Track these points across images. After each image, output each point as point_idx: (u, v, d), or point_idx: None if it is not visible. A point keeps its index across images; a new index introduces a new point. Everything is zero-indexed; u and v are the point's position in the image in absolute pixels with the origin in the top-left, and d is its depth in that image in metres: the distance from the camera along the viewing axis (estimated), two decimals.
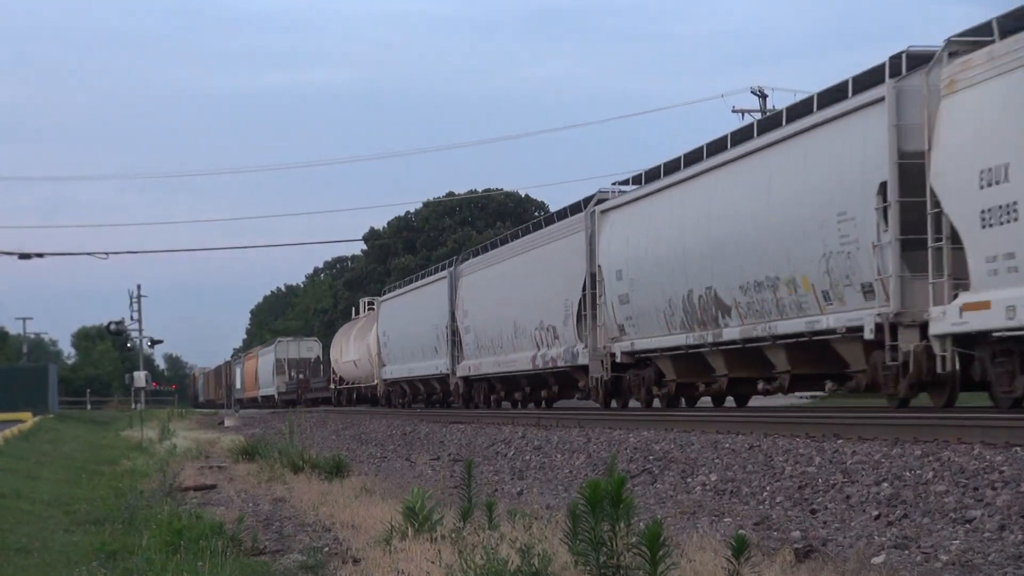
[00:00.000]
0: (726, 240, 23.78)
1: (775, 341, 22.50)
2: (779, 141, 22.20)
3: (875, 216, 19.08)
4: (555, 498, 14.71)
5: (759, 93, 52.78)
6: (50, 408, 72.78)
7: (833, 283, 20.42)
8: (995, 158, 16.16)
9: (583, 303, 30.85)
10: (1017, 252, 15.74)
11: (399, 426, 33.17)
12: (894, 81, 18.94)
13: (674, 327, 26.24)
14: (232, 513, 13.22)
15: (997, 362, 16.84)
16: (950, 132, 17.16)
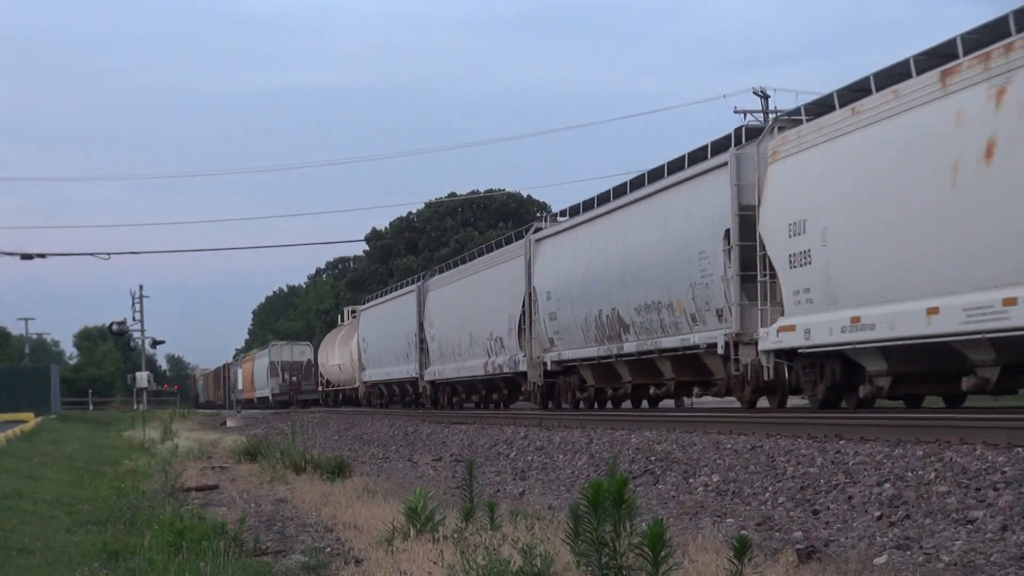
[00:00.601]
0: (624, 269, 28.30)
1: (661, 354, 26.92)
2: (657, 192, 27.11)
3: (723, 255, 23.44)
4: (557, 499, 14.71)
5: (761, 94, 52.79)
6: (52, 408, 72.83)
7: (698, 308, 24.80)
8: (798, 215, 20.74)
9: (523, 318, 35.46)
10: (811, 288, 20.36)
11: (401, 426, 33.19)
12: (735, 149, 23.43)
13: (590, 341, 30.68)
14: (234, 513, 13.23)
15: (805, 372, 21.33)
16: (772, 192, 21.69)
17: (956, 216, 17.09)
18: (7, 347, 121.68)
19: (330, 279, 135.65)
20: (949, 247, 17.25)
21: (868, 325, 19.02)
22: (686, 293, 25.11)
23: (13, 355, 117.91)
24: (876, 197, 18.87)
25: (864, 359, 19.94)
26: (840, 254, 19.82)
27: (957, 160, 17.09)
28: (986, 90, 16.68)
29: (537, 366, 34.49)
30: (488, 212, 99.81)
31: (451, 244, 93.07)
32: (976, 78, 16.90)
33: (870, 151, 19.14)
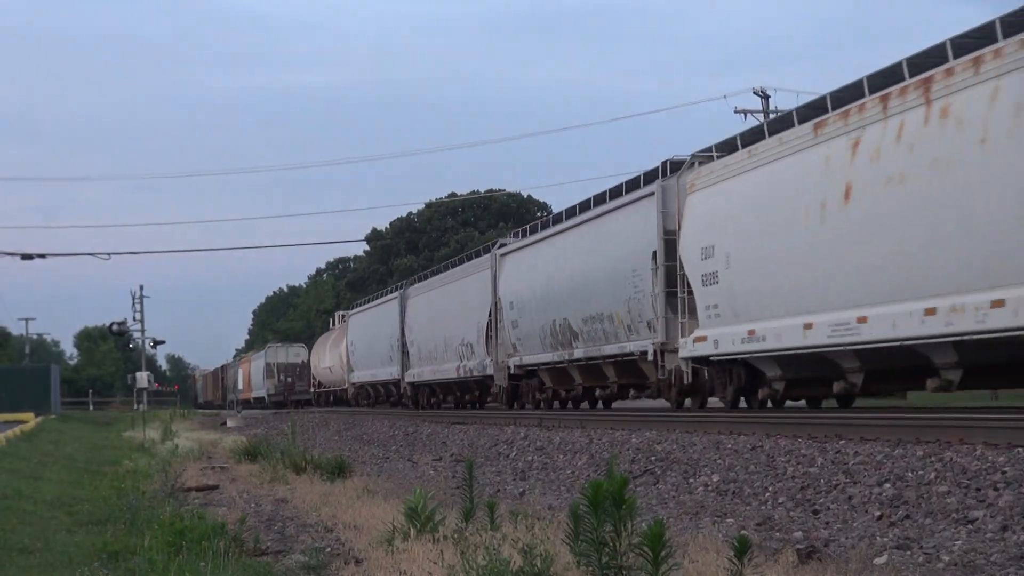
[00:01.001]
0: (574, 284, 31.57)
1: (604, 360, 30.01)
2: (599, 216, 30.59)
3: (651, 274, 26.69)
4: (557, 499, 14.71)
5: (762, 94, 52.83)
6: (52, 409, 72.82)
7: (632, 320, 27.98)
8: (708, 240, 24.04)
9: (490, 326, 38.56)
10: (719, 304, 23.61)
11: (401, 427, 33.20)
12: (661, 181, 26.62)
13: (547, 347, 33.92)
14: (234, 514, 13.23)
15: (717, 376, 24.66)
16: (689, 219, 24.99)
17: (824, 247, 20.13)
18: (7, 347, 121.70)
19: (330, 279, 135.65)
20: (819, 273, 20.33)
21: (761, 337, 22.17)
22: (623, 306, 28.36)
23: (13, 355, 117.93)
24: (765, 228, 22.07)
25: (762, 365, 23.04)
26: (740, 276, 22.99)
27: (825, 199, 20.06)
28: (846, 141, 19.62)
29: (502, 369, 37.67)
30: (488, 212, 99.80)
31: (451, 244, 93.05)
32: (839, 131, 19.92)
33: (761, 188, 22.41)
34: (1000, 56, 16.44)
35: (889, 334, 18.53)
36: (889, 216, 18.47)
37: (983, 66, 16.84)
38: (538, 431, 23.55)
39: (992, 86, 16.51)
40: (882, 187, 18.65)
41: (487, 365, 38.80)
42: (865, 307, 19.00)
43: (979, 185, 16.69)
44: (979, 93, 16.78)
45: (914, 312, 17.86)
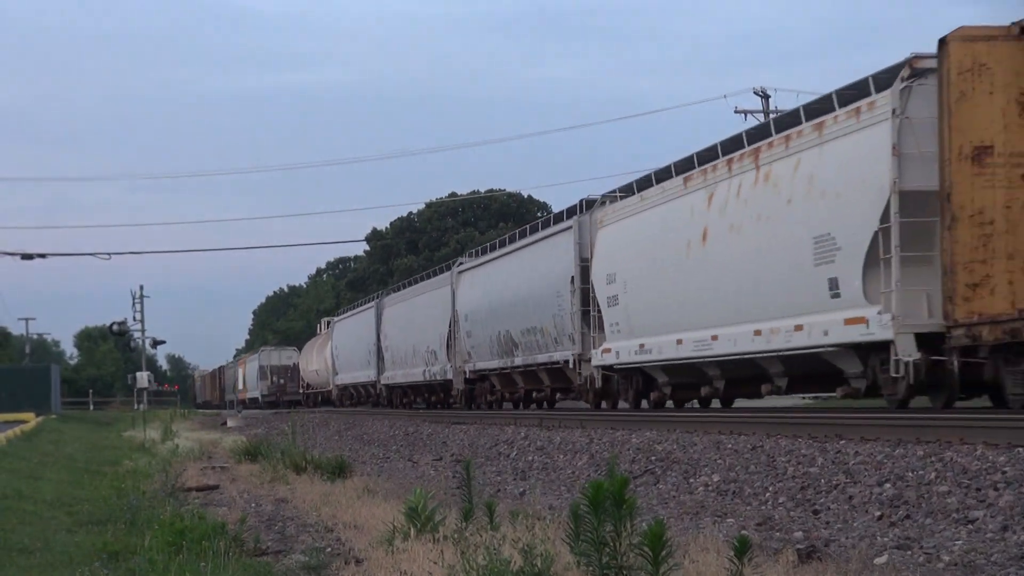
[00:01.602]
0: (514, 301, 36.42)
1: (539, 367, 34.97)
2: (534, 243, 35.71)
3: (570, 295, 31.78)
4: (557, 499, 14.71)
5: (762, 94, 52.90)
6: (53, 409, 72.80)
7: (558, 333, 33.01)
8: (611, 268, 29.14)
9: (450, 335, 43.42)
10: (619, 322, 28.60)
11: (401, 426, 33.22)
12: (578, 216, 31.93)
13: (494, 355, 38.59)
14: (234, 514, 13.23)
15: (621, 382, 29.70)
16: (598, 250, 30.32)
17: (689, 278, 25.01)
18: (8, 347, 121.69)
19: (330, 279, 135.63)
20: (686, 299, 25.17)
21: (649, 350, 27.04)
22: (551, 321, 33.44)
23: (14, 355, 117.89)
24: (650, 260, 26.97)
25: (653, 373, 28.00)
26: (633, 299, 27.93)
27: (690, 240, 24.95)
28: (704, 194, 24.57)
29: (460, 374, 42.49)
30: (489, 212, 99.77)
31: (452, 244, 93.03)
32: (699, 185, 24.93)
33: (648, 227, 27.42)
34: (801, 136, 21.20)
35: (732, 349, 23.46)
36: (730, 256, 23.35)
37: (791, 142, 21.55)
38: (538, 431, 23.56)
39: (795, 159, 21.29)
40: (727, 233, 23.52)
41: (448, 370, 43.87)
42: (716, 328, 23.95)
43: (786, 235, 21.37)
44: (788, 164, 21.50)
45: (747, 333, 22.73)
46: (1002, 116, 17.15)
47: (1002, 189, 17.10)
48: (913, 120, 18.44)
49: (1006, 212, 17.07)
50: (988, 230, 17.18)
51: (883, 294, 18.80)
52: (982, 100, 17.25)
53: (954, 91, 17.44)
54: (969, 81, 17.33)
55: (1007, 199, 17.03)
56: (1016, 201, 17.02)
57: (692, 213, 24.90)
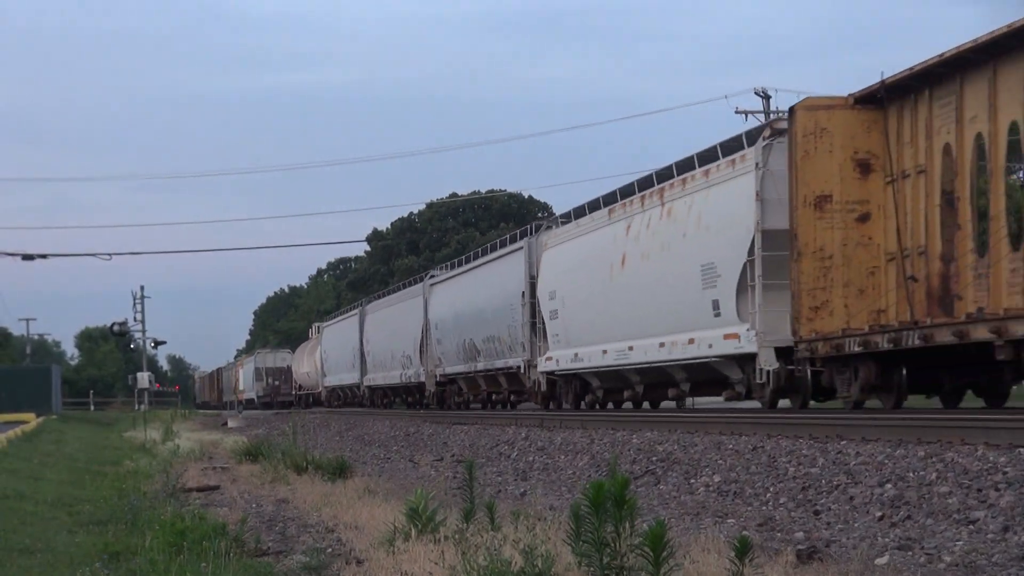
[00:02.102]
0: (477, 311, 40.44)
1: (497, 371, 38.89)
2: (493, 260, 40.23)
3: (521, 308, 36.10)
4: (558, 499, 14.71)
5: (763, 94, 52.92)
6: (53, 409, 72.78)
7: (512, 341, 37.07)
8: (553, 286, 33.60)
9: (423, 341, 47.91)
10: (559, 333, 32.96)
11: (402, 427, 33.22)
12: (528, 239, 36.42)
13: (460, 360, 42.78)
14: (235, 514, 13.22)
15: (562, 386, 34.06)
16: (543, 269, 34.78)
17: (612, 297, 29.10)
18: (8, 348, 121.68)
19: (331, 280, 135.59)
20: (609, 315, 29.26)
21: (582, 358, 31.24)
22: (506, 331, 37.50)
23: (14, 356, 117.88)
24: (583, 280, 31.25)
25: (588, 378, 32.08)
26: (570, 313, 32.36)
27: (613, 264, 29.11)
28: (624, 224, 28.81)
29: (432, 377, 46.98)
30: (490, 213, 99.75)
31: (452, 245, 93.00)
32: (620, 217, 29.29)
33: (581, 251, 31.89)
34: (694, 180, 25.45)
35: (644, 359, 27.58)
36: (642, 279, 27.42)
37: (687, 185, 25.72)
38: (539, 431, 23.56)
39: (690, 199, 25.49)
40: (640, 259, 27.65)
41: (421, 373, 48.48)
42: (632, 340, 27.90)
43: (682, 263, 25.35)
44: (684, 203, 25.73)
45: (654, 345, 26.74)
46: (839, 171, 20.92)
47: (839, 230, 20.97)
48: (773, 171, 22.37)
49: (842, 248, 20.93)
50: (827, 263, 20.96)
51: (751, 314, 22.83)
52: (823, 157, 21.01)
53: (800, 150, 21.09)
54: (812, 142, 21.07)
55: (843, 238, 20.93)
56: (850, 240, 20.92)
57: (614, 241, 29.24)
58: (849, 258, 20.97)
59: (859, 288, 21.01)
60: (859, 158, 21.03)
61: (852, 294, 20.98)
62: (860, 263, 21.00)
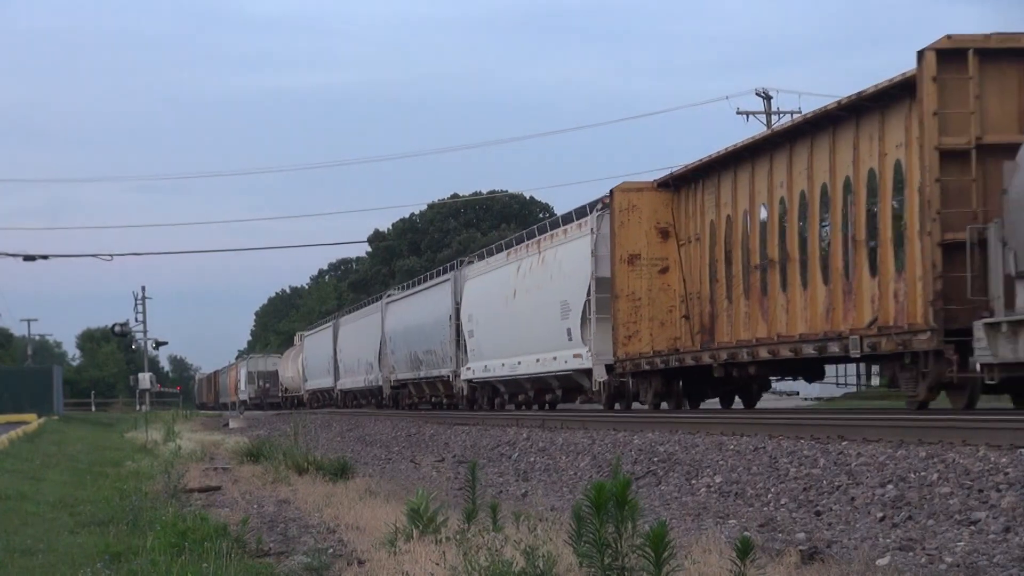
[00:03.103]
0: (420, 328, 48.62)
1: (434, 379, 47.33)
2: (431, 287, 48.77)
3: (449, 328, 43.93)
4: (560, 500, 14.71)
5: (764, 95, 52.94)
6: (55, 410, 72.74)
7: (444, 354, 45.08)
8: (470, 311, 41.55)
9: (381, 351, 56.08)
10: (475, 349, 40.49)
11: (403, 428, 33.22)
12: (454, 271, 44.90)
13: (409, 369, 50.95)
14: (236, 515, 13.23)
15: (479, 392, 41.75)
16: (464, 297, 42.67)
17: (507, 322, 37.38)
18: (10, 348, 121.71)
19: (332, 280, 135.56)
20: (506, 335, 37.42)
21: (490, 369, 39.39)
22: (439, 346, 45.44)
23: (16, 356, 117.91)
24: (489, 307, 39.64)
25: (496, 385, 40.33)
26: (481, 333, 40.55)
27: (507, 295, 37.54)
28: (516, 265, 37.43)
29: (387, 382, 55.26)
30: (491, 213, 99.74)
31: (454, 245, 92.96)
32: (513, 260, 37.97)
33: (488, 284, 40.47)
34: (558, 236, 33.93)
35: (528, 370, 35.87)
36: (525, 309, 35.89)
37: (554, 239, 34.29)
38: (540, 432, 23.55)
39: (556, 250, 33.84)
40: (524, 293, 36.24)
41: (379, 379, 56.62)
42: (521, 356, 36.16)
43: (548, 299, 33.69)
44: (552, 252, 34.10)
45: (533, 360, 35.03)
46: (645, 236, 28.93)
47: (645, 279, 28.89)
48: (603, 235, 30.12)
49: (648, 293, 28.89)
50: (637, 303, 28.91)
51: (589, 339, 31.01)
52: (634, 226, 28.95)
53: (618, 220, 29.08)
54: (627, 215, 28.98)
55: (648, 285, 28.88)
56: (654, 286, 28.85)
57: (509, 278, 37.91)
58: (653, 300, 28.85)
59: (660, 322, 28.70)
60: (660, 227, 28.93)
61: (655, 326, 28.78)
62: (661, 303, 28.80)
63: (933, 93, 18.72)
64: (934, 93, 18.73)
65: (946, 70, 18.82)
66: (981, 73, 18.85)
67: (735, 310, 25.42)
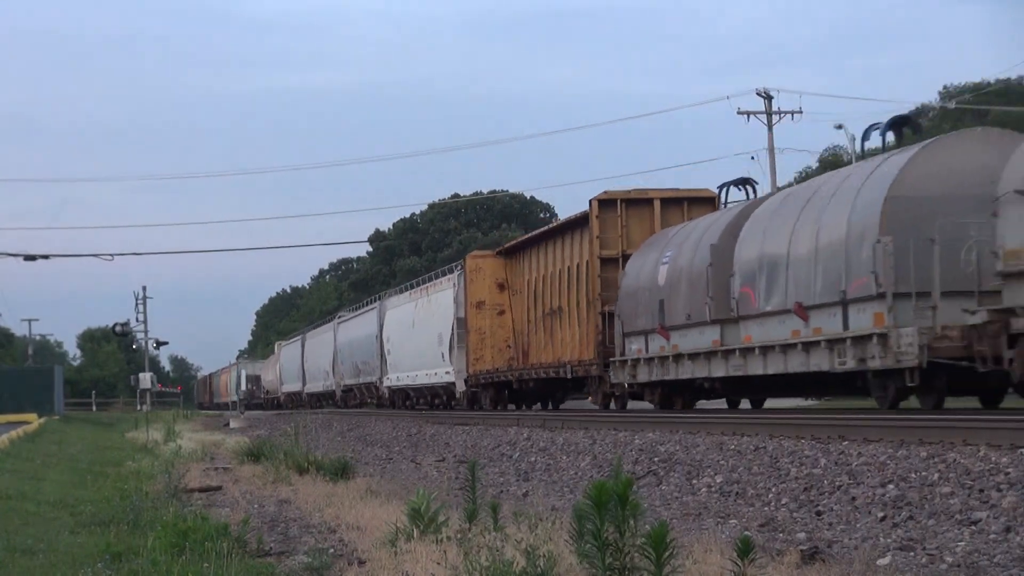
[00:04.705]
0: (359, 343, 60.88)
1: (369, 384, 58.96)
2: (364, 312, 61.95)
3: (376, 345, 56.15)
4: (560, 500, 14.71)
5: (764, 95, 52.84)
6: (55, 410, 72.74)
7: (373, 366, 57.11)
8: (388, 334, 54.32)
9: (334, 361, 68.66)
10: (392, 363, 53.62)
11: (404, 428, 33.22)
12: (379, 302, 58.09)
13: (352, 376, 63.03)
14: (237, 514, 13.22)
15: (396, 397, 54.70)
16: (385, 323, 55.21)
17: (410, 344, 48.90)
18: (10, 348, 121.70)
19: (333, 280, 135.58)
20: (408, 355, 49.46)
21: (401, 380, 51.22)
22: (371, 358, 57.77)
23: (17, 356, 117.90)
24: (399, 332, 51.49)
25: (407, 391, 51.42)
26: (395, 351, 52.22)
27: (410, 324, 49.41)
28: (414, 303, 49.55)
29: (339, 387, 67.31)
30: (491, 213, 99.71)
31: (454, 245, 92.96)
32: (412, 299, 50.33)
33: (398, 315, 52.28)
34: (436, 284, 46.55)
35: (422, 382, 47.73)
36: (419, 335, 47.38)
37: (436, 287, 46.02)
38: (541, 432, 23.55)
39: (437, 294, 45.46)
40: (419, 324, 47.58)
41: (333, 384, 69.25)
42: (417, 371, 48.00)
43: (431, 330, 45.50)
44: (434, 296, 45.97)
45: (425, 373, 46.74)
46: (488, 288, 40.12)
47: (488, 319, 40.06)
48: (461, 287, 41.58)
49: (490, 329, 39.95)
50: (483, 336, 40.07)
51: (454, 361, 42.57)
52: (481, 282, 40.18)
53: (468, 277, 40.62)
54: (475, 274, 40.39)
55: (490, 323, 39.97)
56: (494, 324, 39.84)
57: (410, 312, 49.79)
58: (494, 333, 40.10)
59: (499, 349, 39.83)
60: (498, 282, 40.21)
61: (495, 352, 39.97)
62: (499, 336, 39.94)
63: (597, 225, 31.86)
64: (597, 225, 31.84)
65: (604, 211, 31.95)
66: (626, 213, 31.94)
67: (536, 343, 37.14)
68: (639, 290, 28.92)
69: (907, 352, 18.97)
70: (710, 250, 25.67)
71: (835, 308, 21.04)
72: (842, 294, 20.78)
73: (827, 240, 21.40)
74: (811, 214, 22.29)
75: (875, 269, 19.73)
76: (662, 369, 27.67)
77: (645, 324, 28.48)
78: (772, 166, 52.19)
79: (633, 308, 29.13)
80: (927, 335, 18.88)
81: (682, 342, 26.88)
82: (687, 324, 26.59)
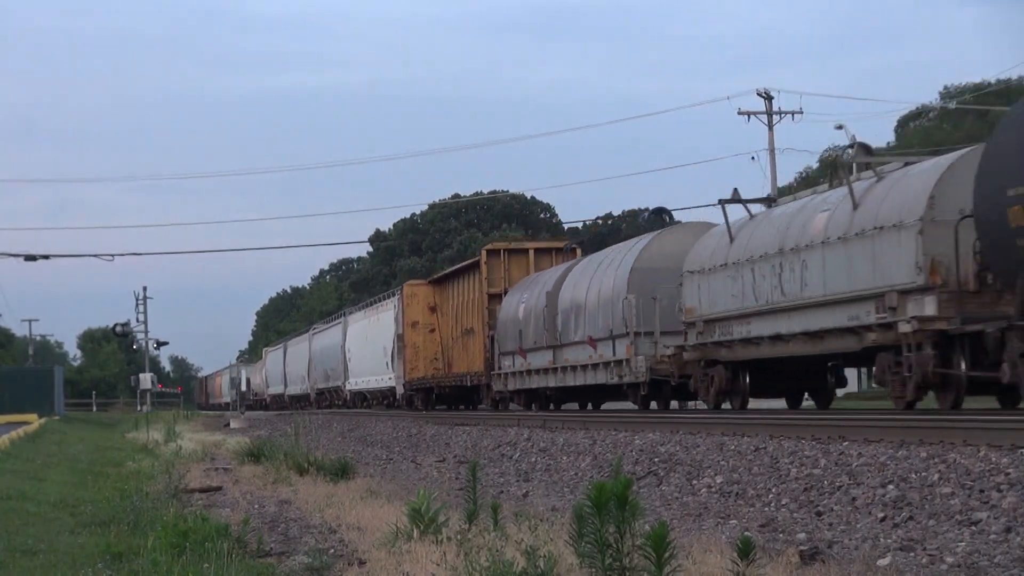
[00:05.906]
0: (328, 351, 70.16)
1: (337, 388, 68.39)
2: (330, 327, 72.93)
3: (341, 353, 65.75)
4: (560, 500, 14.71)
5: (765, 95, 52.85)
6: (56, 410, 72.73)
7: (339, 371, 66.48)
8: (350, 344, 64.03)
9: (309, 368, 77.61)
10: (353, 370, 63.56)
11: (404, 428, 33.23)
12: (343, 317, 68.20)
13: (324, 381, 72.01)
14: (238, 515, 13.21)
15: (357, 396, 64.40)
16: (348, 335, 64.77)
17: (366, 353, 58.92)
18: (11, 348, 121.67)
19: (333, 280, 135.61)
20: (364, 361, 59.66)
21: (359, 384, 61.44)
22: (337, 365, 66.32)
23: (17, 356, 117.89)
24: (358, 343, 61.19)
25: (365, 393, 60.98)
26: (354, 360, 62.28)
27: (364, 337, 59.48)
28: (368, 319, 59.31)
29: (313, 390, 76.12)
30: (492, 213, 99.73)
31: (455, 246, 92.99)
32: (368, 315, 59.78)
33: (358, 328, 61.57)
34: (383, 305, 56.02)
35: (373, 386, 58.26)
36: (371, 347, 56.94)
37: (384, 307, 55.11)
38: (541, 432, 23.55)
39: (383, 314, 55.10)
40: (372, 337, 56.99)
41: (308, 387, 78.26)
42: (370, 376, 58.01)
43: (380, 342, 55.13)
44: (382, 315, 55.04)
45: (375, 378, 57.19)
46: (421, 311, 48.00)
47: (421, 335, 47.89)
48: (400, 309, 49.50)
49: (423, 343, 47.63)
50: (417, 350, 47.85)
51: (394, 369, 51.27)
52: (416, 305, 48.19)
53: (405, 302, 48.54)
54: (411, 297, 48.37)
55: (423, 339, 47.75)
56: (427, 340, 47.50)
57: (366, 326, 58.33)
58: (426, 347, 47.55)
59: (430, 360, 47.22)
60: (430, 305, 47.81)
61: (427, 363, 47.43)
62: (430, 350, 47.32)
63: (485, 268, 41.26)
64: (486, 268, 41.24)
65: (491, 258, 41.70)
66: (508, 259, 41.60)
67: (459, 355, 44.47)
68: (508, 320, 38.86)
69: (640, 371, 29.01)
70: (546, 296, 35.51)
71: (608, 341, 31.03)
72: (611, 331, 30.75)
73: (604, 295, 31.46)
74: (598, 275, 32.50)
75: (624, 316, 29.61)
76: (522, 380, 37.58)
77: (511, 346, 38.32)
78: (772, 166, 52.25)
79: (504, 334, 39.05)
80: (651, 360, 28.73)
81: (533, 361, 36.49)
82: (535, 348, 36.23)
